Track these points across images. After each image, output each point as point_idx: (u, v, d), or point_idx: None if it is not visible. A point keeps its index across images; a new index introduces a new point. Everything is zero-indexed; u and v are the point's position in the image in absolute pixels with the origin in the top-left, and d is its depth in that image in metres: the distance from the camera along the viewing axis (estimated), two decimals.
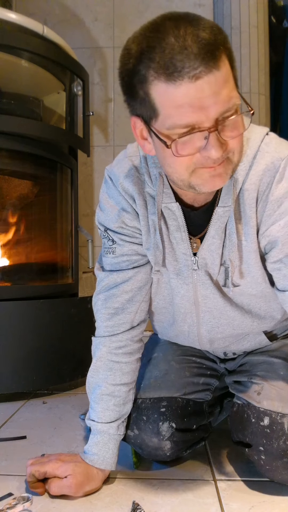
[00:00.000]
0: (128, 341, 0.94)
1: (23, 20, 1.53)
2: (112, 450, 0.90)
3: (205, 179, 0.70)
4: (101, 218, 0.91)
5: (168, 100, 0.63)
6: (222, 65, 0.62)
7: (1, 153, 1.55)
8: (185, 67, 0.60)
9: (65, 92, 1.82)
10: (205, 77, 0.61)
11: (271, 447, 0.82)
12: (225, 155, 0.67)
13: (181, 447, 0.94)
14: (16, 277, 1.63)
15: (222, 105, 0.63)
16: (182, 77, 0.61)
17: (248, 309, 0.92)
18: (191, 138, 0.65)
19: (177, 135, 0.65)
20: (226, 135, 0.66)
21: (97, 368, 0.94)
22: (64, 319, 1.56)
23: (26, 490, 0.87)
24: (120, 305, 0.92)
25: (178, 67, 0.60)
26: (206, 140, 0.64)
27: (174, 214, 0.83)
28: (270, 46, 2.33)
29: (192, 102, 0.62)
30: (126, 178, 0.85)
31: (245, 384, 0.95)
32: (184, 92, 0.62)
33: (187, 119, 0.63)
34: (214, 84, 0.62)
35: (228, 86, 0.63)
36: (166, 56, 0.61)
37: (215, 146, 0.64)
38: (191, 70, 0.60)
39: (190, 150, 0.66)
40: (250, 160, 0.77)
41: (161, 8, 2.41)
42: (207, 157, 0.66)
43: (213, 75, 0.61)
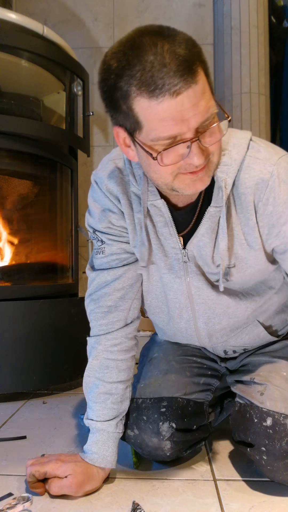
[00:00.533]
0: (123, 339, 0.95)
1: (23, 20, 1.54)
2: (112, 448, 0.90)
3: (187, 184, 0.74)
4: (89, 220, 0.95)
5: (151, 115, 0.68)
6: (199, 78, 0.67)
7: (1, 153, 1.55)
8: (166, 84, 0.65)
9: (65, 92, 1.82)
10: (184, 92, 0.65)
11: (273, 447, 0.82)
12: (206, 160, 0.72)
13: (181, 447, 0.94)
14: (16, 277, 1.63)
15: (201, 116, 0.68)
16: (163, 93, 0.65)
17: (241, 291, 0.93)
18: (174, 148, 0.69)
19: (161, 146, 0.70)
20: (206, 141, 0.71)
21: (93, 367, 0.95)
22: (64, 319, 1.56)
23: (26, 490, 0.87)
24: (113, 303, 0.94)
25: (159, 85, 0.65)
26: (188, 149, 0.69)
27: (160, 210, 0.86)
28: (270, 46, 2.33)
29: (174, 116, 0.66)
30: (110, 179, 0.88)
31: (247, 384, 0.95)
32: (166, 107, 0.66)
33: (170, 131, 0.68)
34: (193, 97, 0.66)
35: (205, 97, 0.68)
36: (147, 74, 0.65)
37: (198, 154, 0.69)
38: (172, 86, 0.65)
39: (174, 158, 0.70)
40: (238, 164, 0.80)
41: (160, 8, 2.42)
42: (190, 163, 0.71)
43: (192, 89, 0.66)
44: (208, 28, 2.40)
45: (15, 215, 1.65)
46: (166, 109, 0.66)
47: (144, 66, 0.65)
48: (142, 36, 0.67)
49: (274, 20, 2.46)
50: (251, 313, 0.95)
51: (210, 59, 2.40)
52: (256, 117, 2.18)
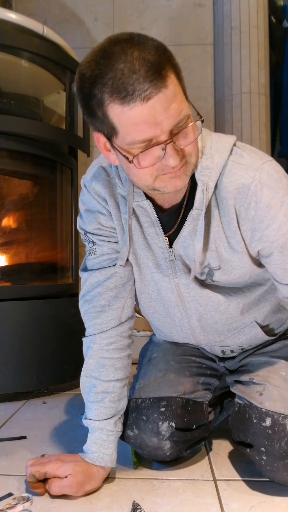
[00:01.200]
0: (118, 337, 0.96)
1: (23, 20, 1.54)
2: (111, 447, 0.90)
3: (166, 182, 0.77)
4: (80, 223, 0.98)
5: (125, 120, 0.70)
6: (170, 82, 0.69)
7: (1, 153, 1.55)
8: (136, 90, 0.67)
9: (65, 92, 1.82)
10: (155, 97, 0.68)
11: (272, 448, 0.82)
12: (183, 161, 0.75)
13: (181, 447, 0.94)
14: (16, 277, 1.63)
15: (174, 118, 0.70)
16: (134, 99, 0.67)
17: (230, 288, 0.94)
18: (150, 150, 0.72)
19: (137, 149, 0.72)
20: (181, 143, 0.73)
21: (89, 367, 0.95)
22: (64, 319, 1.56)
23: (26, 490, 0.87)
24: (107, 302, 0.95)
25: (130, 91, 0.67)
26: (163, 151, 0.71)
27: (146, 211, 0.88)
28: (270, 46, 2.33)
29: (147, 120, 0.69)
30: (97, 182, 0.91)
31: (246, 384, 0.95)
32: (138, 112, 0.68)
33: (144, 135, 0.70)
34: (164, 101, 0.68)
35: (177, 100, 0.70)
36: (118, 81, 0.68)
37: (173, 155, 0.71)
38: (142, 92, 0.67)
39: (151, 161, 0.73)
40: (220, 168, 0.82)
41: (160, 8, 2.42)
42: (166, 165, 0.73)
43: (162, 93, 0.68)
44: (208, 28, 2.40)
45: (15, 215, 1.65)
46: (138, 114, 0.68)
47: (115, 74, 0.67)
48: (113, 45, 0.69)
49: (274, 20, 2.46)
50: (245, 310, 0.96)
51: (210, 59, 2.41)
52: (256, 117, 2.17)
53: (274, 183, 0.81)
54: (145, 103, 0.67)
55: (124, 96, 0.68)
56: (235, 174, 0.81)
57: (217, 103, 2.36)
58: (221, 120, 2.28)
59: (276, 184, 0.81)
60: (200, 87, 2.41)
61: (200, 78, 2.41)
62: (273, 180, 0.81)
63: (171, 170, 0.74)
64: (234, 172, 0.81)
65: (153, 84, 0.67)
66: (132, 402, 0.97)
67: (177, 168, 0.74)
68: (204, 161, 0.82)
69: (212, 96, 2.40)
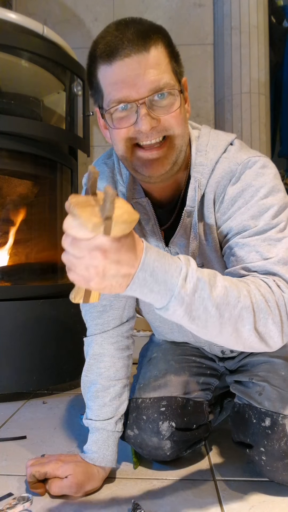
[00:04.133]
0: (119, 337, 0.96)
1: (23, 20, 1.53)
2: (112, 447, 0.90)
3: (143, 162, 0.76)
4: None
5: (106, 79, 0.73)
6: (154, 49, 0.71)
7: (1, 153, 1.55)
8: (119, 49, 0.70)
9: (65, 92, 1.82)
10: (134, 56, 0.70)
11: (272, 448, 0.82)
12: (156, 132, 0.74)
13: (181, 447, 0.94)
14: (16, 277, 1.63)
15: (151, 83, 0.71)
16: (114, 57, 0.71)
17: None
18: (127, 115, 0.73)
19: (114, 110, 0.74)
20: (157, 113, 0.73)
21: (90, 366, 0.95)
22: (64, 319, 1.56)
23: (26, 490, 0.87)
24: (108, 302, 0.95)
25: (113, 50, 0.71)
26: (137, 115, 0.72)
27: (145, 208, 0.88)
28: (270, 46, 2.33)
29: (123, 79, 0.71)
30: (100, 179, 0.92)
31: (246, 384, 0.95)
32: (116, 70, 0.71)
33: (120, 94, 0.72)
34: (144, 64, 0.70)
35: (159, 68, 0.72)
36: (106, 43, 0.72)
37: (144, 120, 0.72)
38: (121, 50, 0.70)
39: (125, 124, 0.74)
40: (213, 164, 0.82)
41: (160, 8, 2.42)
42: (138, 130, 0.73)
43: (142, 55, 0.70)
44: (208, 28, 2.40)
45: (15, 215, 1.65)
46: (116, 73, 0.71)
47: (106, 40, 0.72)
48: (115, 22, 0.74)
49: (274, 20, 2.46)
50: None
51: (210, 59, 2.40)
52: (256, 117, 2.17)
53: (250, 177, 0.79)
54: (123, 60, 0.70)
55: (107, 54, 0.71)
56: (218, 169, 0.81)
57: (217, 103, 2.36)
58: (221, 120, 2.28)
59: (253, 178, 0.79)
60: (200, 87, 2.41)
61: (200, 78, 2.41)
62: (252, 174, 0.79)
63: (145, 140, 0.74)
64: (218, 167, 0.81)
65: (134, 45, 0.70)
66: (132, 402, 0.97)
67: (151, 138, 0.74)
68: (198, 158, 0.82)
69: (212, 96, 2.40)
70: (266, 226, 0.76)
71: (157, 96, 0.72)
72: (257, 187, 0.78)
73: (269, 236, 0.75)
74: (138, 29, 0.71)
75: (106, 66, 0.72)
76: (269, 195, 0.78)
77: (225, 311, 0.64)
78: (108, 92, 0.74)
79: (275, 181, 0.79)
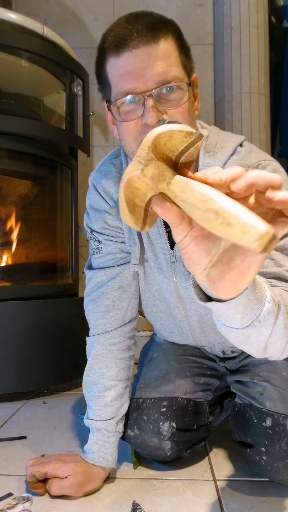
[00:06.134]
0: (122, 338, 0.96)
1: (23, 20, 1.54)
2: (112, 448, 0.90)
3: None
4: (87, 221, 0.98)
5: (114, 71, 0.73)
6: (163, 42, 0.71)
7: (1, 153, 1.55)
8: (127, 40, 0.70)
9: (65, 92, 1.82)
10: (143, 48, 0.69)
11: (273, 448, 0.82)
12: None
13: (182, 447, 0.94)
14: (16, 277, 1.63)
15: (158, 75, 0.70)
16: (123, 48, 0.70)
17: None
18: (134, 108, 0.72)
19: (121, 102, 0.73)
20: (164, 106, 0.72)
21: (92, 366, 0.95)
22: (64, 319, 1.57)
23: (26, 490, 0.87)
24: (111, 302, 0.95)
25: (122, 41, 0.70)
26: (143, 107, 0.71)
27: None
28: (270, 46, 2.33)
29: (131, 70, 0.70)
30: (107, 179, 0.91)
31: (247, 384, 0.95)
32: (124, 62, 0.71)
33: (127, 85, 0.71)
34: (152, 55, 0.70)
35: (168, 60, 0.71)
36: (115, 35, 0.71)
37: (150, 112, 0.70)
38: (130, 42, 0.70)
39: (132, 117, 0.73)
40: (221, 165, 0.80)
41: (161, 8, 2.42)
42: (145, 123, 0.72)
43: (151, 47, 0.70)
44: (208, 28, 2.40)
45: (15, 215, 1.65)
46: (124, 64, 0.70)
47: (115, 32, 0.72)
48: (123, 16, 0.74)
49: (274, 20, 2.46)
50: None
51: (210, 59, 2.40)
52: (256, 117, 2.17)
53: None
54: (131, 52, 0.70)
55: (116, 45, 0.71)
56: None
57: (217, 103, 2.36)
58: (221, 120, 2.28)
59: None
60: (200, 87, 2.40)
61: (200, 78, 2.40)
62: None
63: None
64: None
65: (144, 36, 0.69)
66: (133, 402, 0.97)
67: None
68: (206, 159, 0.81)
69: (212, 96, 2.40)
70: None
71: (165, 89, 0.71)
72: None
73: (283, 245, 0.76)
74: (148, 21, 0.71)
75: (115, 58, 0.72)
76: None
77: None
78: (115, 84, 0.73)
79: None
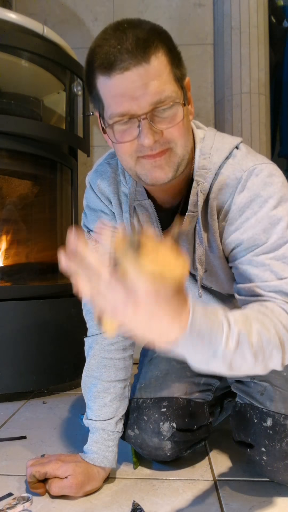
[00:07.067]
0: (120, 337, 0.96)
1: (23, 20, 1.53)
2: (112, 448, 0.90)
3: (147, 169, 0.74)
4: (84, 221, 0.98)
5: (107, 91, 0.71)
6: (154, 59, 0.68)
7: (1, 153, 1.55)
8: (117, 60, 0.67)
9: (65, 92, 1.82)
10: (133, 69, 0.67)
11: (273, 448, 0.82)
12: (159, 145, 0.72)
13: (182, 447, 0.94)
14: (16, 277, 1.63)
15: (152, 96, 0.68)
16: (114, 69, 0.68)
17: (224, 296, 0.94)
18: (129, 128, 0.71)
19: (116, 124, 0.72)
20: (159, 126, 0.71)
21: (91, 367, 0.95)
22: (64, 319, 1.56)
23: (26, 490, 0.87)
24: None
25: (111, 61, 0.68)
26: (139, 129, 0.70)
27: (147, 210, 0.87)
28: (270, 46, 2.33)
29: (124, 92, 0.68)
30: (102, 180, 0.91)
31: (247, 384, 0.95)
32: (116, 83, 0.69)
33: (121, 108, 0.70)
34: (145, 76, 0.68)
35: (161, 79, 0.69)
36: (104, 53, 0.69)
37: (146, 134, 0.69)
38: (121, 63, 0.67)
39: (128, 138, 0.72)
40: (216, 169, 0.80)
41: (160, 8, 2.42)
42: (141, 144, 0.71)
43: (142, 67, 0.67)
44: (208, 28, 2.40)
45: (15, 215, 1.65)
46: (116, 86, 0.69)
47: (104, 47, 0.69)
48: (112, 26, 0.71)
49: (274, 20, 2.46)
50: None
51: (210, 59, 2.40)
52: (256, 117, 2.17)
53: (258, 187, 0.77)
54: (122, 73, 0.67)
55: (105, 66, 0.69)
56: (222, 175, 0.79)
57: (217, 103, 2.36)
58: (221, 120, 2.28)
59: (261, 188, 0.77)
60: (200, 87, 2.41)
61: (200, 78, 2.41)
62: (260, 183, 0.77)
63: (149, 152, 0.72)
64: (223, 172, 0.79)
65: (134, 57, 0.67)
66: (133, 402, 0.97)
67: (155, 150, 0.72)
68: (201, 161, 0.80)
69: (212, 96, 2.40)
70: (279, 240, 0.75)
71: (159, 110, 0.70)
72: (266, 198, 0.76)
73: (283, 253, 0.75)
74: (137, 37, 0.68)
75: (105, 78, 0.70)
76: (279, 206, 0.76)
77: (259, 355, 0.64)
78: (108, 104, 0.71)
79: (283, 190, 0.78)
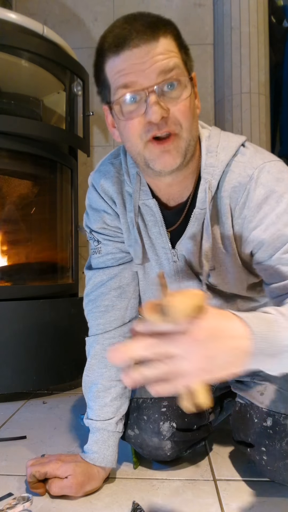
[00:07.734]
0: (121, 338, 0.96)
1: (23, 20, 1.53)
2: (112, 448, 0.90)
3: (156, 154, 0.74)
4: (86, 221, 0.98)
5: (113, 70, 0.72)
6: (163, 39, 0.71)
7: (1, 153, 1.55)
8: (127, 39, 0.70)
9: (65, 92, 1.82)
10: (142, 46, 0.69)
11: (273, 448, 0.82)
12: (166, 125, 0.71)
13: (182, 447, 0.94)
14: (16, 277, 1.63)
15: (159, 66, 0.69)
16: (122, 47, 0.70)
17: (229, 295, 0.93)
18: (136, 107, 0.71)
19: (122, 97, 0.72)
20: (167, 102, 0.71)
21: (92, 366, 0.95)
22: (64, 319, 1.56)
23: (26, 490, 0.87)
24: (110, 302, 0.95)
25: (121, 41, 0.70)
26: (146, 104, 0.70)
27: (152, 210, 0.86)
28: (270, 46, 2.33)
29: (131, 66, 0.70)
30: (106, 179, 0.90)
31: (247, 384, 0.95)
32: (124, 59, 0.70)
33: (126, 78, 0.70)
34: (153, 52, 0.69)
35: (168, 54, 0.70)
36: (115, 35, 0.71)
37: (154, 108, 0.69)
38: (130, 41, 0.69)
39: (135, 115, 0.72)
40: (223, 166, 0.80)
41: (161, 8, 2.42)
42: (149, 121, 0.71)
43: (150, 44, 0.69)
44: (208, 28, 2.40)
45: (15, 215, 1.65)
46: (124, 61, 0.70)
47: (114, 33, 0.72)
48: (121, 17, 0.74)
49: (274, 20, 2.46)
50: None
51: (210, 59, 2.40)
52: (256, 117, 2.17)
53: (272, 183, 0.78)
54: (131, 50, 0.69)
55: (115, 45, 0.70)
56: (233, 173, 0.80)
57: (217, 103, 2.36)
58: (221, 120, 2.28)
59: (275, 184, 0.78)
60: (200, 87, 2.40)
61: (200, 78, 2.41)
62: (272, 180, 0.78)
63: (156, 131, 0.71)
64: (233, 170, 0.80)
65: (143, 35, 0.69)
66: (133, 402, 0.97)
67: (162, 129, 0.71)
68: (209, 159, 0.81)
69: (212, 96, 2.40)
70: None
71: (166, 87, 0.70)
72: (281, 193, 0.77)
73: None
74: (147, 21, 0.71)
75: (114, 57, 0.71)
76: None
77: None
78: (114, 79, 0.72)
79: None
